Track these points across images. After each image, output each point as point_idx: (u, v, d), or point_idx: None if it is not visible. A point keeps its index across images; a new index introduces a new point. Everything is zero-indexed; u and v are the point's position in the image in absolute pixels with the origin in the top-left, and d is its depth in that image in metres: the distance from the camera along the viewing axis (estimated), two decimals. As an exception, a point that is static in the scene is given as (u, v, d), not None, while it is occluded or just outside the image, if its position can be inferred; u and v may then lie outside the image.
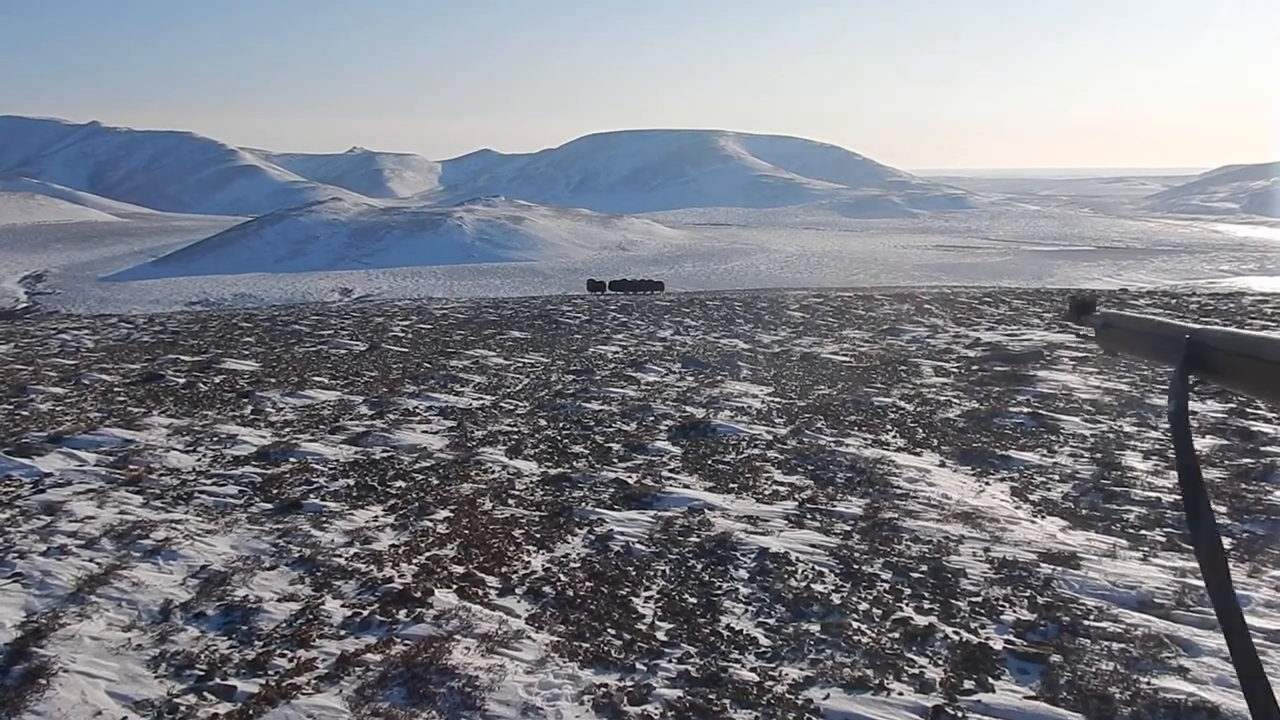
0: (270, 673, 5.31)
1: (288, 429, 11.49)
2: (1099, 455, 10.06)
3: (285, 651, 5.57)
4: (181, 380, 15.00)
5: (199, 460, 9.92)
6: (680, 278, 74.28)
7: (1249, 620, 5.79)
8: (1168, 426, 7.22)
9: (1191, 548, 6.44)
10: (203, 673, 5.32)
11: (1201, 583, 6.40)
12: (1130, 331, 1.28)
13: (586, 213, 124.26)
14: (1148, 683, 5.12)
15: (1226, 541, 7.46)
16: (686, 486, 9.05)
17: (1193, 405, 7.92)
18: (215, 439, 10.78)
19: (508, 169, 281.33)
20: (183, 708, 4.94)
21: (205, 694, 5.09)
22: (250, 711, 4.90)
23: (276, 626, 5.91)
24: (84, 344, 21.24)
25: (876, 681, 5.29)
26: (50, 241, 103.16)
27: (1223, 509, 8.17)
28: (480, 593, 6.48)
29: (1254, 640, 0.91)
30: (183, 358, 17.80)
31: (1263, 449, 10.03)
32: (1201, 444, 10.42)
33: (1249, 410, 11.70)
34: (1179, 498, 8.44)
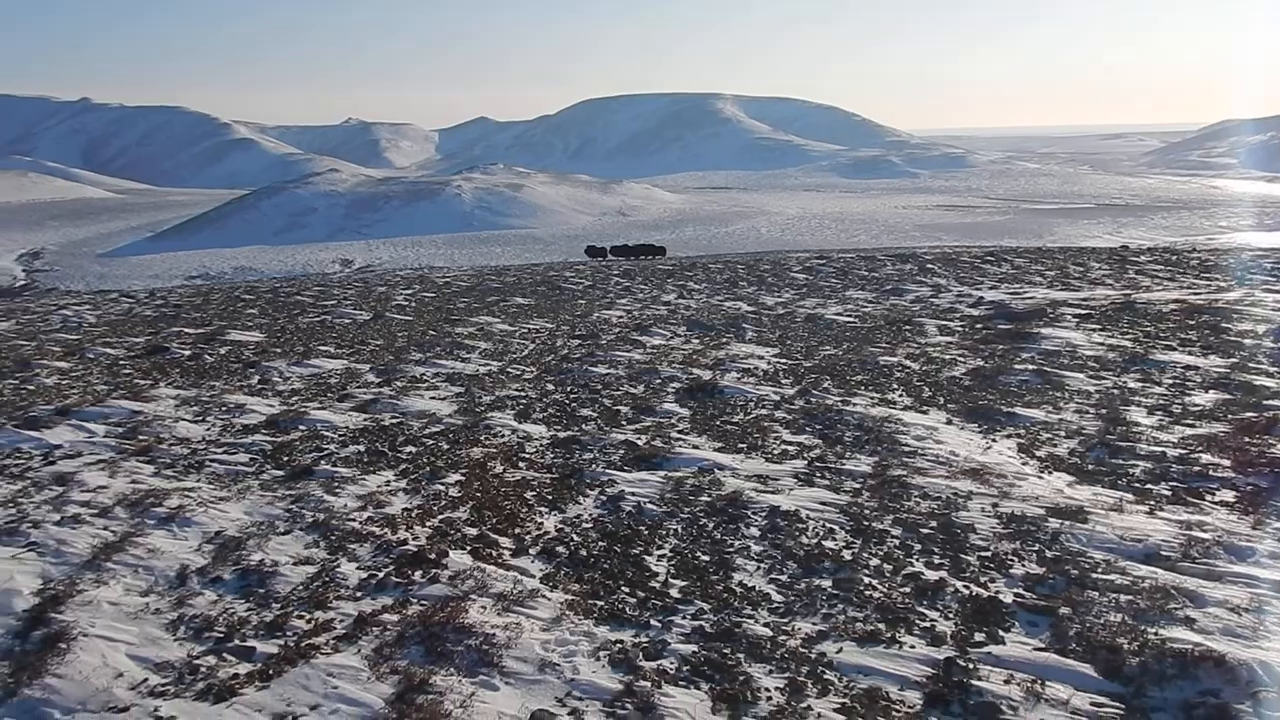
0: (289, 634, 5.38)
1: (296, 397, 11.53)
2: (1104, 411, 10.09)
3: (303, 613, 5.64)
4: (187, 352, 15.02)
5: (208, 429, 9.96)
6: (681, 242, 73.99)
7: (1253, 572, 5.85)
8: (1172, 381, 7.21)
9: (1199, 500, 6.44)
10: (221, 635, 5.39)
11: (1207, 536, 6.45)
12: None
13: (585, 179, 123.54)
14: (1155, 633, 5.18)
15: (1229, 495, 7.51)
16: (696, 447, 9.09)
17: (1194, 360, 7.95)
18: (224, 408, 10.82)
19: (505, 136, 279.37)
20: (203, 668, 5.01)
21: (225, 655, 5.16)
22: (270, 671, 4.96)
23: (293, 589, 5.97)
24: (86, 319, 21.23)
25: (888, 635, 5.35)
26: (46, 219, 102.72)
27: (1226, 462, 8.21)
28: (494, 553, 6.54)
29: (1260, 590, 0.92)
30: (187, 330, 17.81)
31: (1265, 403, 10.05)
32: (1204, 399, 10.45)
33: (1251, 365, 11.72)
34: (1183, 453, 8.49)
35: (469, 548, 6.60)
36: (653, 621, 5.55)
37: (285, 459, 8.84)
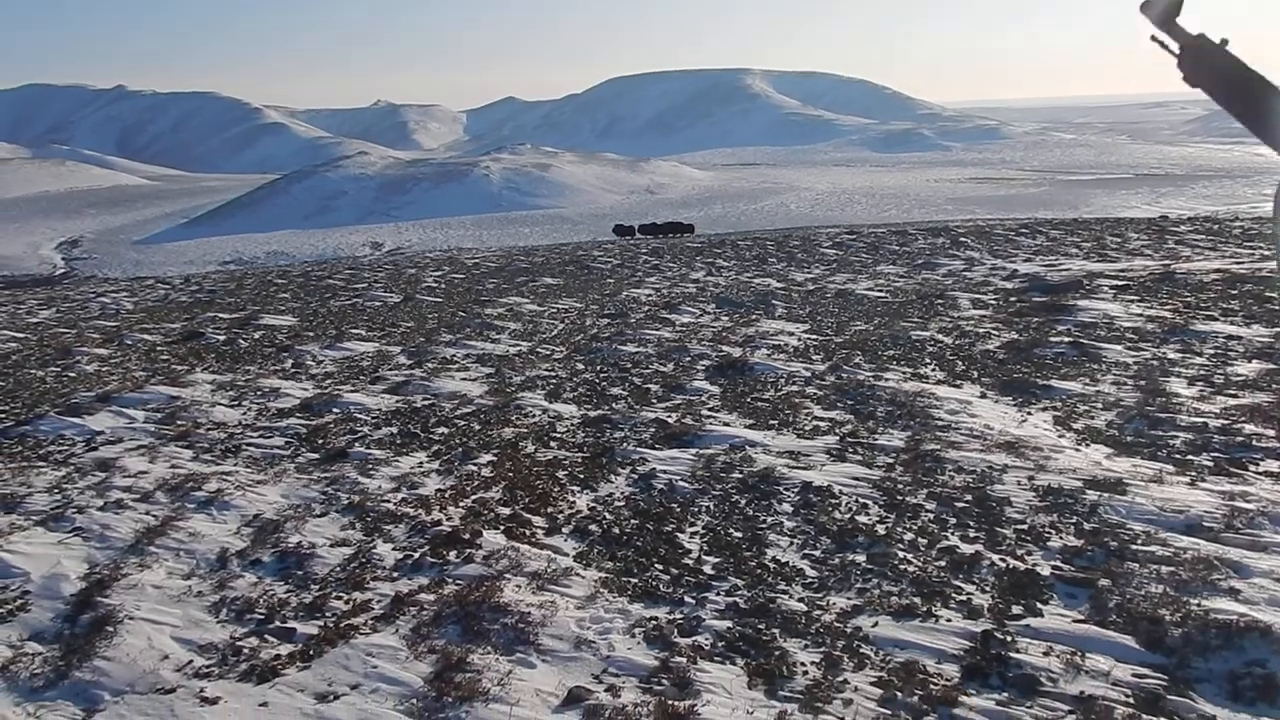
0: (328, 615, 5.44)
1: (329, 381, 11.63)
2: (1143, 382, 9.94)
3: (341, 594, 5.70)
4: (222, 337, 15.20)
5: (244, 414, 10.08)
6: (710, 219, 73.70)
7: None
8: (1214, 351, 7.11)
9: (1242, 471, 6.35)
10: (262, 616, 5.46)
11: (1251, 507, 6.35)
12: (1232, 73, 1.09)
13: (613, 157, 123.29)
14: (1198, 604, 5.11)
15: (1274, 465, 7.38)
16: (726, 424, 9.07)
17: (1237, 330, 7.83)
18: (259, 393, 10.94)
19: (532, 116, 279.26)
20: (246, 650, 5.09)
21: (266, 636, 5.23)
22: (311, 652, 5.03)
23: (331, 571, 6.04)
24: (124, 306, 21.55)
25: (924, 609, 5.33)
26: (84, 207, 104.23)
27: (1270, 432, 8.07)
28: (527, 533, 6.58)
29: None
30: (221, 315, 18.02)
31: (1312, 370, 9.86)
32: (1247, 369, 10.27)
33: (1297, 332, 11.50)
34: (1225, 423, 8.35)
35: (502, 527, 6.64)
36: (687, 598, 5.56)
37: (320, 442, 8.93)
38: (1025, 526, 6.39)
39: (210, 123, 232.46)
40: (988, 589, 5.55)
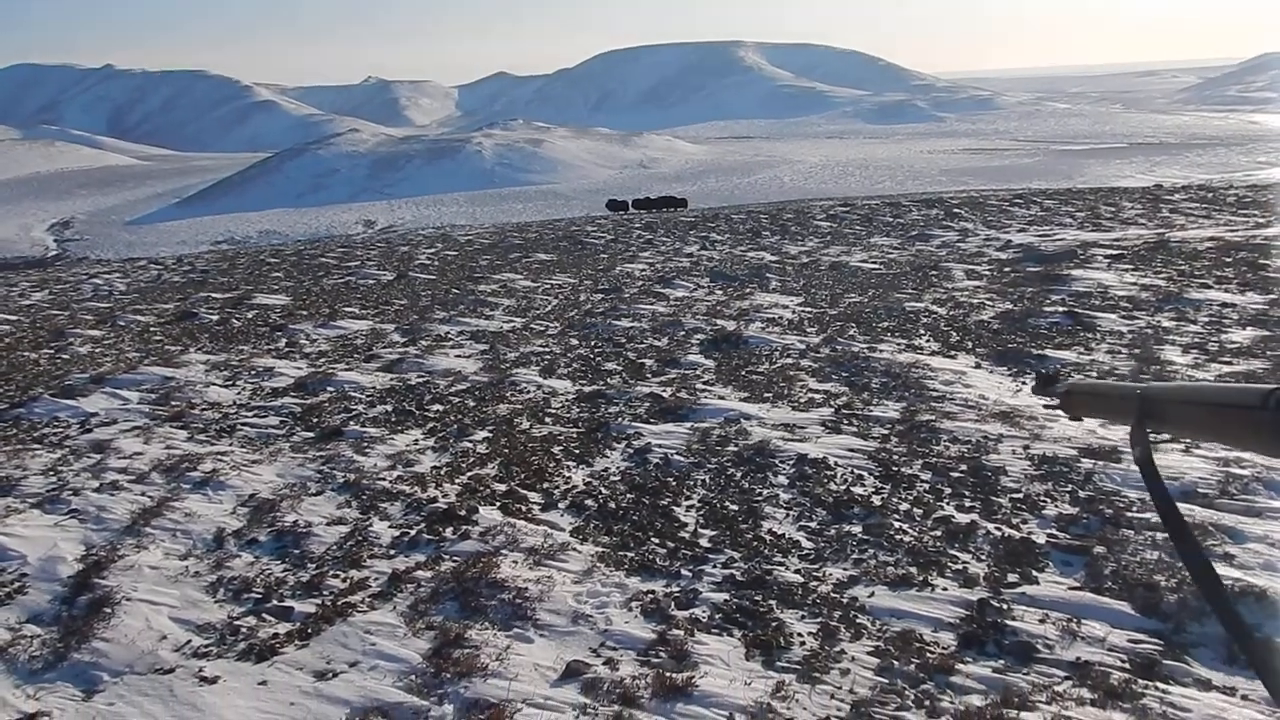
0: (325, 593, 5.45)
1: (323, 359, 11.60)
2: (1137, 350, 9.95)
3: (338, 572, 5.71)
4: (215, 317, 15.14)
5: (239, 394, 10.05)
6: (704, 193, 73.41)
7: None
8: (1208, 319, 7.16)
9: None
10: (260, 596, 5.47)
11: (1245, 473, 6.38)
12: (1090, 394, 1.40)
13: (606, 132, 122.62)
14: (1193, 570, 5.12)
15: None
16: (721, 398, 9.07)
17: (1231, 298, 7.84)
18: (253, 372, 10.90)
19: (524, 91, 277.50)
20: (244, 629, 5.09)
21: (264, 615, 5.23)
22: (309, 630, 5.03)
23: (327, 549, 6.04)
24: (116, 287, 21.43)
25: (920, 578, 5.35)
26: (74, 188, 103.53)
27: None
28: (524, 508, 6.58)
29: None
30: (214, 295, 17.93)
31: (1306, 336, 9.87)
32: (1243, 335, 10.28)
33: (1291, 299, 11.51)
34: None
35: (498, 503, 6.65)
36: (684, 571, 5.57)
37: (315, 420, 8.91)
38: (1020, 495, 6.41)
39: (200, 101, 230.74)
40: (983, 558, 5.57)
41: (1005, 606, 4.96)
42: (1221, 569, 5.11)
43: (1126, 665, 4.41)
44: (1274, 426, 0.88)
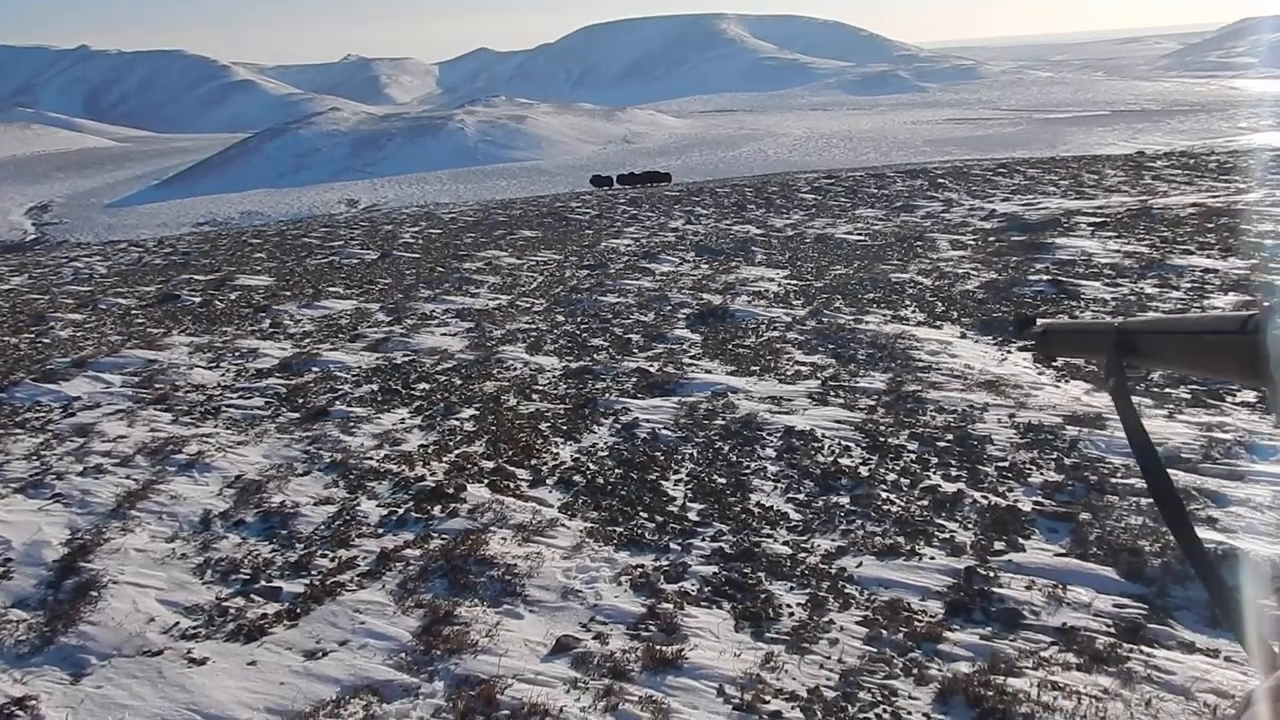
0: (314, 573, 5.44)
1: (307, 340, 11.54)
2: (1121, 318, 9.99)
3: (326, 552, 5.69)
4: (198, 299, 15.03)
5: (223, 375, 9.99)
6: (688, 168, 73.14)
7: (1275, 470, 5.83)
8: (1191, 285, 7.18)
9: (1219, 403, 6.41)
10: (248, 576, 5.45)
11: (1228, 437, 6.42)
12: (1068, 332, 1.41)
13: (589, 107, 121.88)
14: (1177, 534, 5.16)
15: (1250, 395, 7.45)
16: (708, 372, 9.07)
17: (1213, 264, 7.83)
18: (237, 354, 10.84)
19: (506, 67, 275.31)
20: (232, 610, 5.08)
21: (252, 596, 5.22)
22: (298, 610, 5.03)
23: (315, 529, 6.02)
24: (97, 270, 21.24)
25: (908, 548, 5.37)
26: (52, 171, 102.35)
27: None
28: (512, 485, 6.57)
29: None
30: (196, 277, 17.79)
31: (1288, 301, 9.92)
32: (1224, 300, 10.33)
33: (1272, 266, 11.56)
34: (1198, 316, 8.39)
35: (486, 481, 6.64)
36: (672, 545, 5.58)
37: (300, 401, 8.87)
38: (1006, 464, 6.44)
39: (178, 81, 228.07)
40: (970, 526, 5.60)
41: (992, 574, 4.99)
42: (1204, 533, 5.15)
43: (1111, 630, 4.44)
44: (1252, 351, 0.87)
